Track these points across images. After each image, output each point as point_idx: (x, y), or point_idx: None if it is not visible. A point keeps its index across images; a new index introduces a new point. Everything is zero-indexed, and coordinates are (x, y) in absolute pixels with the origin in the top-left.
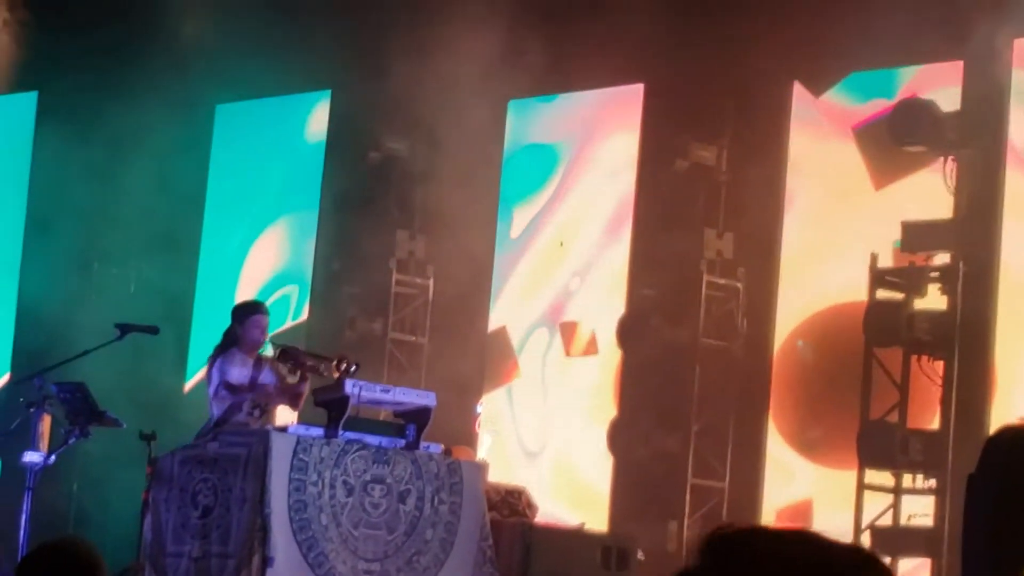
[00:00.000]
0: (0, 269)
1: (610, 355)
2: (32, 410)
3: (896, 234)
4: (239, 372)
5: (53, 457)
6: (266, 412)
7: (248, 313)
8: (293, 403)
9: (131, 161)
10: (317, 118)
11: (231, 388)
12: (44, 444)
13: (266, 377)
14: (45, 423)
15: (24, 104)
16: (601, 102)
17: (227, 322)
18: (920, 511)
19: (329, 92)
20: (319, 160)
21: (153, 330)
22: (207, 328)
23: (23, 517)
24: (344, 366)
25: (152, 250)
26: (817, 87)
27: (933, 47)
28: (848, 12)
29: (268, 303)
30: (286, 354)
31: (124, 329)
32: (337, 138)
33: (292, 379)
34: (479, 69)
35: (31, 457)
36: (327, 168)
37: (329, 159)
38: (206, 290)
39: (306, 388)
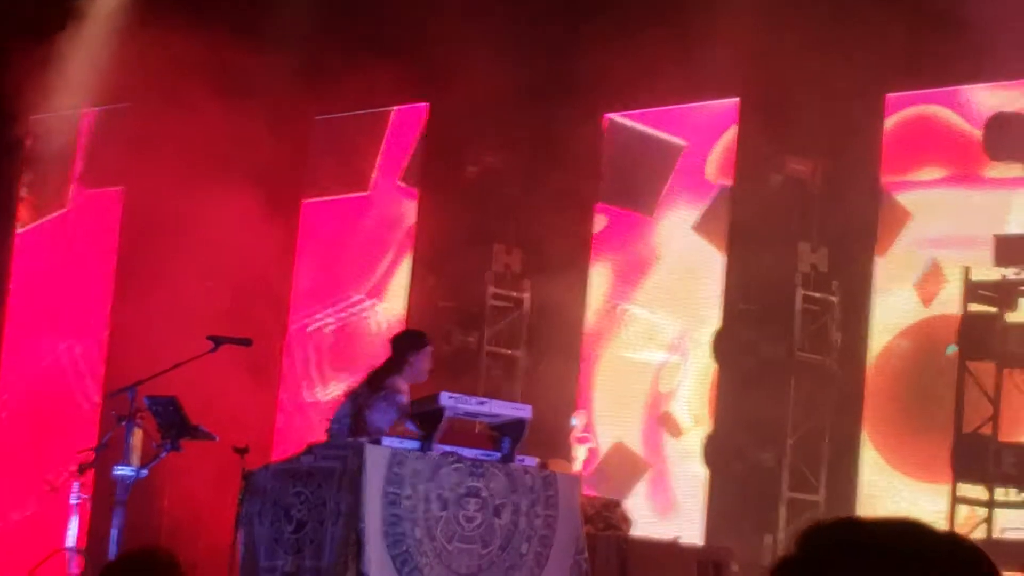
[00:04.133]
0: (94, 282)
1: (705, 368)
2: (124, 423)
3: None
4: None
5: (145, 471)
6: None
7: (424, 344)
8: None
9: (227, 169)
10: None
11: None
12: (136, 458)
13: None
14: (137, 437)
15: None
16: (697, 115)
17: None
18: (1013, 524)
19: (427, 105)
20: (416, 173)
21: (246, 342)
22: (300, 342)
23: (114, 531)
24: None
25: (248, 262)
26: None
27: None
28: (940, 27)
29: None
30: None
31: (217, 342)
32: (434, 151)
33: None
34: (575, 83)
35: (123, 471)
36: (424, 181)
37: (426, 172)
38: (301, 302)
39: None
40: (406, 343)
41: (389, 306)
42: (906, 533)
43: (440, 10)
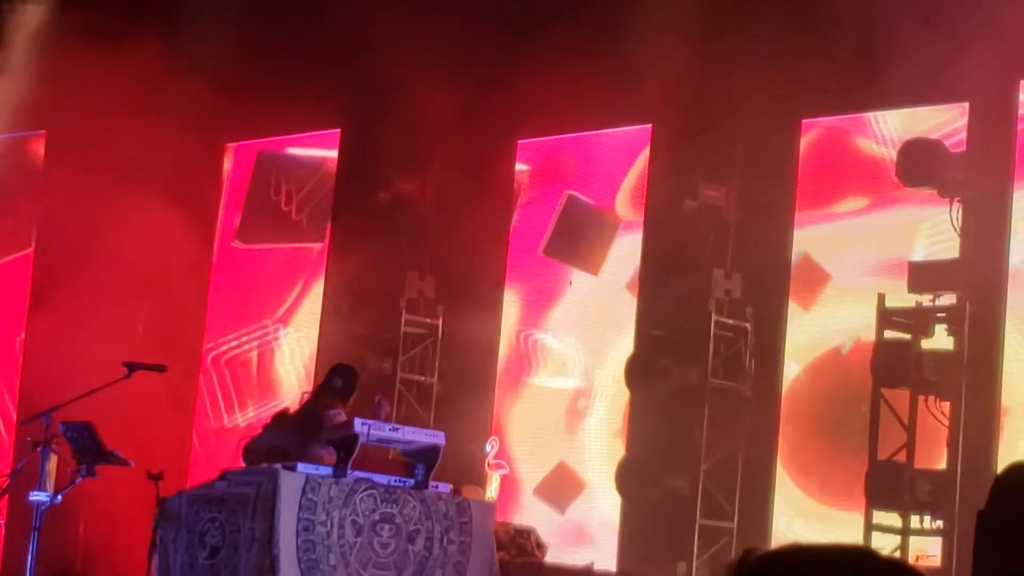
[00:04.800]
0: (8, 308)
1: (617, 396)
2: (39, 449)
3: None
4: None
5: (60, 497)
6: None
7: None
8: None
9: (138, 192)
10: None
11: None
12: (51, 484)
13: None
14: (52, 463)
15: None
16: (610, 142)
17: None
18: (928, 552)
19: (339, 131)
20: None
21: (161, 368)
22: (216, 368)
23: (29, 557)
24: None
25: (163, 288)
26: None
27: (940, 87)
28: (856, 53)
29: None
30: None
31: (132, 368)
32: (347, 177)
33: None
34: (488, 110)
35: (38, 497)
36: (336, 207)
37: (339, 198)
38: (215, 329)
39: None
40: (353, 384)
41: (303, 332)
42: (849, 560)
43: (356, 38)
